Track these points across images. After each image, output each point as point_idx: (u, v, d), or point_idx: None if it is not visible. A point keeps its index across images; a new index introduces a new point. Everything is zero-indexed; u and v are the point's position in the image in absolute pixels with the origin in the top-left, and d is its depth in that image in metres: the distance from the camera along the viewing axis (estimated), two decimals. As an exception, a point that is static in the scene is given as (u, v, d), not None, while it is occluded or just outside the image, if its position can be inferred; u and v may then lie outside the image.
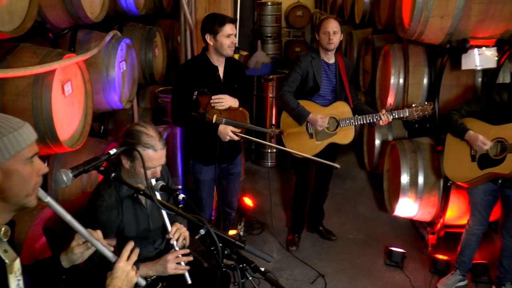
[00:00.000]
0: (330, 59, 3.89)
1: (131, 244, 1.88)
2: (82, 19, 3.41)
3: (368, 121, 3.79)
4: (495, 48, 3.88)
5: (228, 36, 3.23)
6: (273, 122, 6.02)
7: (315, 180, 4.27)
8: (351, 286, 3.78)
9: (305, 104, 3.80)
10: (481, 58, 3.87)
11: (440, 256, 3.99)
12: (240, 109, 3.32)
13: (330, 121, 3.84)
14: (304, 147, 3.86)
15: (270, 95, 5.91)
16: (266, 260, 1.96)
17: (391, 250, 4.09)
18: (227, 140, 3.25)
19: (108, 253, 1.83)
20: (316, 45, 4.06)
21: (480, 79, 4.32)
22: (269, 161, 6.23)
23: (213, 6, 4.21)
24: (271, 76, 5.89)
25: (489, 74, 4.24)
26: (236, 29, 3.34)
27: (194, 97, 3.24)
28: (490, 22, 3.74)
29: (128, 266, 1.80)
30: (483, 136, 3.30)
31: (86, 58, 3.34)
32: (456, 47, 3.88)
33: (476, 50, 3.86)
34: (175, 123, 3.49)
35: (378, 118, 3.74)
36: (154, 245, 2.61)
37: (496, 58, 3.87)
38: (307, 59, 3.85)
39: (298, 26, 11.86)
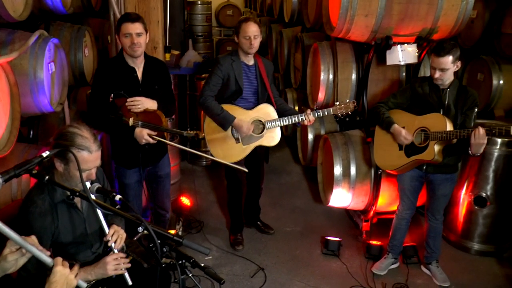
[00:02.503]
0: (250, 61, 3.85)
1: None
2: (4, 18, 3.22)
3: (293, 122, 3.81)
4: (415, 44, 4.13)
5: (126, 36, 3.13)
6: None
7: (247, 179, 4.26)
8: (290, 277, 3.87)
9: (229, 108, 3.74)
10: (403, 54, 4.11)
11: (374, 242, 4.19)
12: (157, 111, 3.23)
13: (256, 124, 3.82)
14: (231, 152, 3.83)
15: (204, 94, 5.91)
16: (204, 253, 1.99)
17: (327, 239, 4.24)
18: (143, 143, 3.19)
19: (45, 257, 1.78)
20: (235, 47, 4.01)
21: (404, 73, 4.59)
22: (204, 160, 6.24)
23: (142, 5, 4.12)
24: (203, 75, 5.89)
25: (411, 68, 4.51)
26: (140, 28, 3.16)
27: (111, 99, 3.15)
28: (409, 20, 3.98)
29: (67, 270, 1.76)
30: (405, 131, 3.50)
31: (11, 60, 3.20)
32: (381, 44, 4.10)
33: (399, 46, 4.09)
34: (93, 126, 3.34)
35: (303, 119, 3.78)
36: (92, 249, 2.56)
37: (417, 54, 4.12)
38: (227, 62, 3.77)
39: (229, 25, 11.92)
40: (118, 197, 2.20)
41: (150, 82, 3.33)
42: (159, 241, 1.89)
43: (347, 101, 3.85)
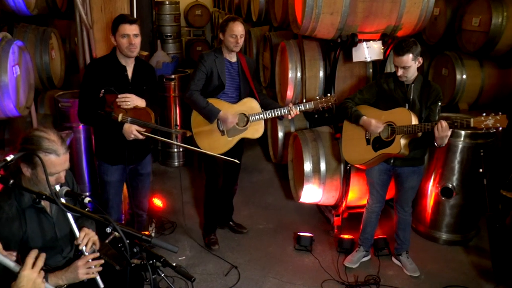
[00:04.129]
0: (233, 58, 3.97)
1: (35, 251, 1.82)
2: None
3: (276, 115, 3.92)
4: (380, 41, 4.22)
5: (123, 36, 3.23)
6: (178, 121, 6.00)
7: (223, 177, 4.30)
8: (263, 274, 3.90)
9: (214, 102, 3.84)
10: (369, 50, 4.19)
11: (345, 236, 4.26)
12: (146, 108, 3.32)
13: (240, 117, 3.92)
14: (217, 144, 3.92)
15: (173, 95, 5.90)
16: (173, 251, 2.01)
17: (300, 235, 4.29)
18: (131, 139, 3.25)
19: (10, 263, 1.76)
20: (217, 44, 4.09)
21: (371, 70, 4.68)
22: (176, 161, 6.23)
23: (108, 6, 4.09)
24: (173, 76, 5.88)
25: (378, 64, 4.60)
26: (136, 30, 3.29)
27: (101, 95, 3.22)
28: (374, 18, 4.06)
29: (34, 274, 1.75)
30: (375, 120, 3.57)
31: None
32: (347, 41, 4.17)
33: (364, 43, 4.17)
34: (81, 120, 3.47)
35: (287, 112, 3.89)
36: (62, 254, 2.53)
37: (382, 50, 4.21)
38: (211, 58, 3.88)
39: (198, 25, 11.90)
40: (87, 199, 2.19)
41: (139, 82, 3.43)
42: (128, 241, 1.90)
43: (328, 94, 3.97)
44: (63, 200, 2.23)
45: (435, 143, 3.28)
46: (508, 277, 3.30)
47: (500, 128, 3.05)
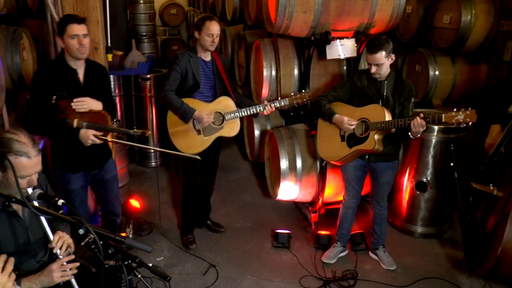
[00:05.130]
0: (207, 57, 3.95)
1: (3, 256, 1.79)
2: None
3: (252, 112, 3.94)
4: (353, 39, 4.26)
5: (73, 37, 3.08)
6: (154, 121, 5.97)
7: (201, 176, 4.28)
8: (242, 272, 3.91)
9: (189, 101, 3.82)
10: (343, 48, 4.23)
11: (323, 232, 4.30)
12: (102, 112, 3.20)
13: (216, 116, 3.91)
14: (193, 143, 3.91)
15: (149, 94, 5.87)
16: (147, 251, 2.00)
17: (277, 232, 4.31)
18: (89, 144, 3.13)
19: None
20: (193, 43, 4.09)
21: (345, 67, 4.73)
22: (153, 161, 6.18)
23: (81, 5, 4.01)
24: (148, 76, 5.84)
25: (352, 62, 4.65)
26: (85, 30, 3.14)
27: (53, 101, 3.08)
28: (346, 16, 4.11)
29: (4, 278, 1.73)
30: (347, 118, 3.61)
31: None
32: (320, 39, 4.20)
33: (338, 41, 4.21)
34: (32, 131, 3.19)
35: (262, 109, 3.91)
36: (36, 258, 2.49)
37: (356, 48, 4.25)
38: (185, 57, 3.87)
39: (174, 24, 11.83)
40: (60, 201, 2.17)
41: (91, 84, 3.29)
42: (101, 242, 1.89)
43: (303, 91, 4.01)
44: (35, 203, 2.20)
45: (410, 135, 3.34)
46: (479, 267, 3.38)
47: (470, 123, 3.12)
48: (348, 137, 3.68)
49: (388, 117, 3.44)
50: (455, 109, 3.16)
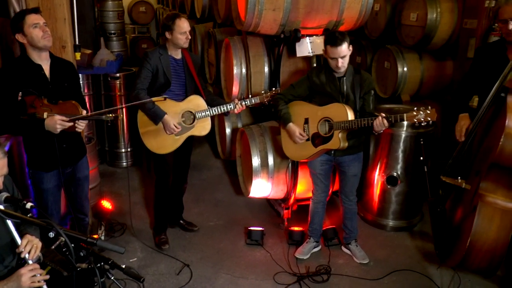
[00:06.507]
0: (178, 55, 3.93)
1: None
2: None
3: (223, 111, 3.94)
4: (323, 36, 4.28)
5: (35, 26, 3.03)
6: (124, 121, 5.91)
7: (173, 175, 4.25)
8: (215, 270, 3.91)
9: (160, 102, 3.73)
10: (312, 45, 4.26)
11: (296, 228, 4.33)
12: (72, 101, 3.15)
13: (187, 115, 3.90)
14: (165, 143, 3.89)
15: (119, 93, 5.79)
16: (119, 252, 1.99)
17: (251, 229, 4.33)
18: (58, 130, 3.03)
19: None
20: (163, 41, 4.06)
21: (314, 64, 4.74)
22: (125, 161, 6.12)
23: (46, 2, 3.88)
24: (118, 74, 5.76)
25: (322, 59, 4.67)
26: (43, 19, 3.12)
27: (19, 98, 3.01)
28: (316, 14, 4.14)
29: None
30: (299, 130, 3.69)
31: None
32: (290, 36, 4.22)
33: (307, 38, 4.23)
34: (1, 131, 3.18)
35: (233, 107, 3.92)
36: (3, 264, 2.43)
37: (325, 45, 4.28)
38: (155, 55, 3.83)
39: (143, 22, 11.71)
40: (29, 204, 2.13)
41: (59, 79, 3.24)
42: (73, 245, 1.86)
43: (273, 88, 4.04)
44: (1, 207, 2.16)
45: (373, 131, 3.40)
46: (448, 258, 3.46)
47: (431, 121, 3.20)
48: (312, 136, 3.71)
49: (350, 116, 3.46)
50: (415, 108, 3.23)
